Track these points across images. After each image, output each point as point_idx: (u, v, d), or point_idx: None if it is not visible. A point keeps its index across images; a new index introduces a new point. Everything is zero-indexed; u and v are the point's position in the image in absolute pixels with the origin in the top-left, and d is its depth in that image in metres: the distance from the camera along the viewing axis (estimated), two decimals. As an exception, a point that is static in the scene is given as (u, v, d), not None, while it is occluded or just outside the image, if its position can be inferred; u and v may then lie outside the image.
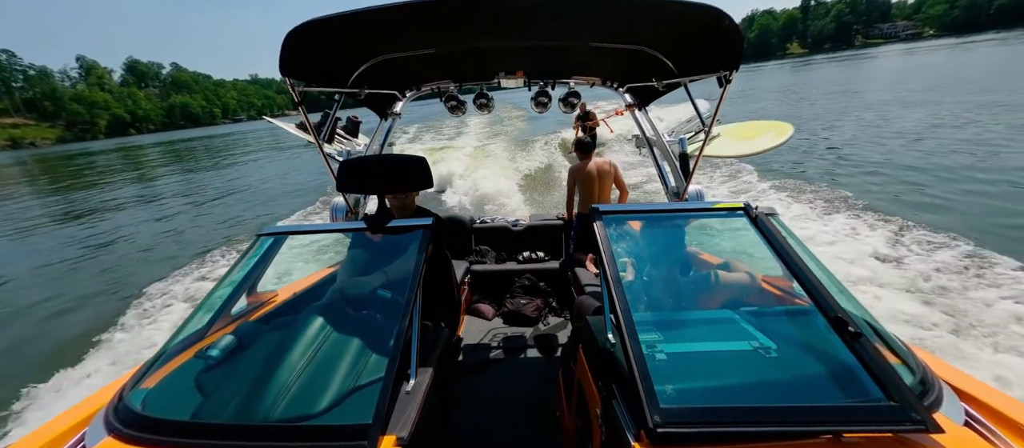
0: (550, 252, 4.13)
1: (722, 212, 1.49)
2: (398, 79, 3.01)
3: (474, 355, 3.01)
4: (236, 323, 1.60)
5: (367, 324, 1.54)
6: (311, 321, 1.47)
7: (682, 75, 2.38)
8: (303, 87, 2.02)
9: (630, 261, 1.53)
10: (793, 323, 1.38)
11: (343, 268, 1.83)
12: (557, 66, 3.00)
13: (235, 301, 1.64)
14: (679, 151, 2.87)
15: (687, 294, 1.54)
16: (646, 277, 1.51)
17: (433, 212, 2.32)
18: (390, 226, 1.54)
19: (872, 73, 32.95)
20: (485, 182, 9.29)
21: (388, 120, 3.30)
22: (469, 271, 3.82)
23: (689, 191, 2.69)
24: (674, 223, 1.62)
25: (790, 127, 2.59)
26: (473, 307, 3.67)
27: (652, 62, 2.46)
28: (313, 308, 1.58)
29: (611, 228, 1.37)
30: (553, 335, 3.25)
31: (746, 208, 1.46)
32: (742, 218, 1.45)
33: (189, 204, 13.25)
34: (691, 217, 1.67)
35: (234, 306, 1.63)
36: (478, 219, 4.44)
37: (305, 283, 2.19)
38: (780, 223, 1.45)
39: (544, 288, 3.74)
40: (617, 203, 3.93)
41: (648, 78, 2.70)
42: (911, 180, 7.70)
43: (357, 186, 1.78)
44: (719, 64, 2.10)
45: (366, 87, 2.61)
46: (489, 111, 3.44)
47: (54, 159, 44.88)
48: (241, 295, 1.68)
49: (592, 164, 3.75)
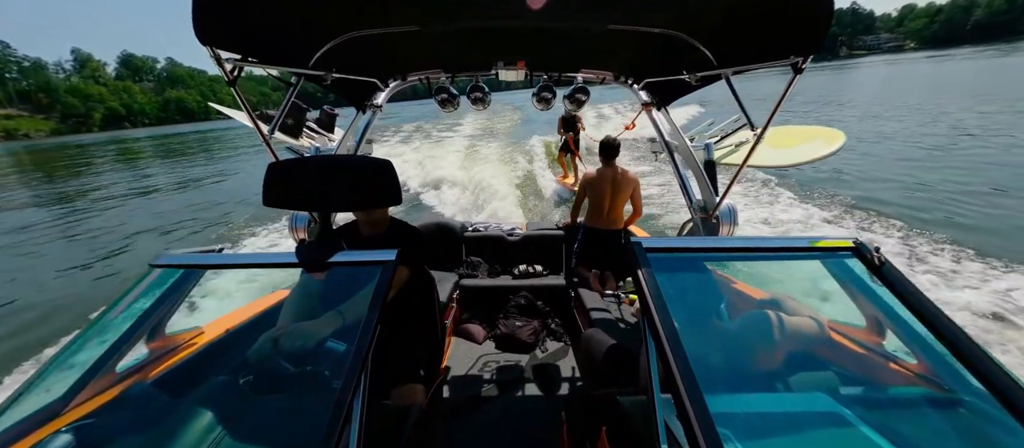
0: (549, 266, 3.71)
1: (819, 254, 1.07)
2: (378, 65, 2.57)
3: (460, 389, 2.58)
4: (119, 386, 1.15)
5: (307, 387, 1.12)
6: (226, 385, 1.04)
7: (723, 65, 1.95)
8: (238, 62, 1.56)
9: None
10: (938, 416, 0.95)
11: (288, 303, 1.40)
12: (564, 56, 2.58)
13: (119, 351, 1.18)
14: (704, 159, 2.45)
15: (758, 359, 1.11)
16: (704, 335, 1.09)
17: (411, 226, 1.90)
18: (334, 262, 1.10)
19: (857, 83, 32.68)
20: (480, 183, 8.85)
21: (367, 113, 2.85)
22: (458, 286, 3.39)
23: (721, 208, 2.27)
24: (743, 266, 1.22)
25: (841, 134, 2.18)
26: (462, 328, 3.24)
27: (683, 51, 2.04)
28: (234, 364, 1.15)
29: (662, 273, 0.95)
30: (553, 365, 2.83)
31: (858, 248, 1.04)
32: (850, 259, 1.04)
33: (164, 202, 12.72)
34: (768, 259, 1.24)
35: (121, 358, 1.18)
36: (469, 226, 4.00)
37: (239, 317, 1.74)
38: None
39: (542, 308, 3.32)
40: (627, 221, 3.51)
41: (675, 71, 2.27)
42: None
43: (287, 200, 1.22)
44: (791, 46, 1.57)
45: (334, 70, 2.14)
46: (485, 106, 3.02)
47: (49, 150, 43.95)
48: (125, 344, 1.21)
49: (610, 172, 3.32)
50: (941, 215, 6.23)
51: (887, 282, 1.00)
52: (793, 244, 1.07)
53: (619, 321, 2.64)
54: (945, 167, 8.71)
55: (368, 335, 0.88)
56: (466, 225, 4.01)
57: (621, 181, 3.28)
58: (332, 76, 2.13)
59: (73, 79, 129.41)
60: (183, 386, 1.18)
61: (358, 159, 1.26)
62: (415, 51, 2.45)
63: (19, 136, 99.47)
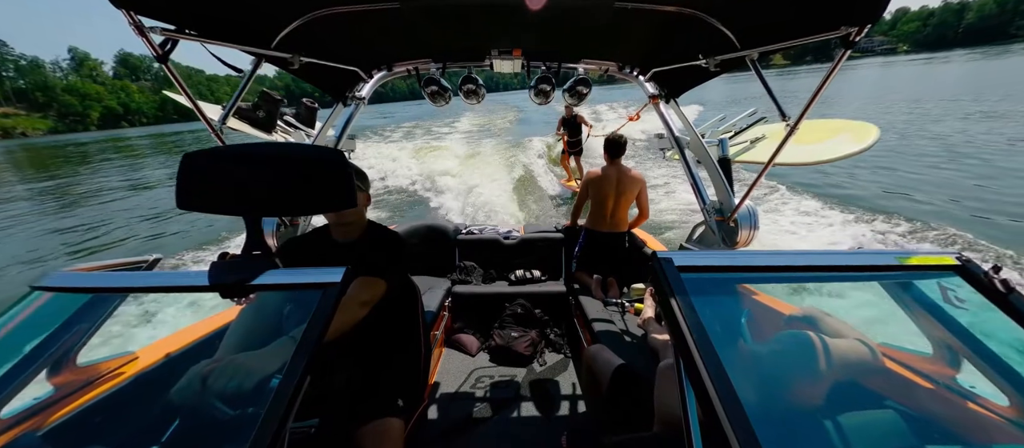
0: (548, 270, 3.48)
1: (912, 272, 0.84)
2: (360, 53, 2.33)
3: (450, 410, 2.34)
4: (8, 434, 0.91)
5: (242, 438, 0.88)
6: (142, 435, 0.81)
7: (747, 46, 1.71)
8: (173, 34, 1.30)
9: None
10: None
11: (234, 326, 1.15)
12: (564, 44, 2.35)
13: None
14: (719, 156, 2.22)
15: (802, 393, 0.89)
16: (742, 364, 0.85)
17: (390, 231, 1.66)
18: (254, 284, 0.83)
19: (855, 83, 32.52)
20: (476, 184, 8.60)
21: (350, 106, 2.61)
22: (450, 293, 3.16)
23: (740, 210, 2.04)
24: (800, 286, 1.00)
25: (873, 129, 1.94)
26: (453, 338, 3.01)
27: (698, 33, 1.81)
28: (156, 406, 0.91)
29: (701, 297, 0.73)
30: (552, 380, 2.60)
31: (965, 265, 0.82)
32: (951, 279, 0.82)
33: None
34: (843, 280, 1.01)
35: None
36: (463, 229, 3.77)
37: (185, 339, 1.49)
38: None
39: (540, 316, 3.09)
40: (631, 224, 3.28)
41: (688, 56, 2.03)
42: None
43: (203, 201, 0.91)
44: (839, 14, 1.31)
45: (304, 54, 1.90)
46: (478, 100, 2.79)
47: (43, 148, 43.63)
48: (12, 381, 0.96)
49: (614, 171, 3.07)
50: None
51: (1000, 302, 0.77)
52: (876, 261, 0.83)
53: (624, 334, 2.41)
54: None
55: (292, 381, 0.65)
56: (459, 227, 3.78)
57: (626, 181, 3.05)
58: (301, 60, 1.87)
59: (70, 78, 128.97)
60: (86, 436, 0.94)
61: (296, 148, 0.94)
62: (401, 38, 2.21)
63: (16, 134, 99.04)
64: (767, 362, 0.87)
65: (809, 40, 1.44)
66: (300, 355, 0.68)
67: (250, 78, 1.80)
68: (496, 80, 12.51)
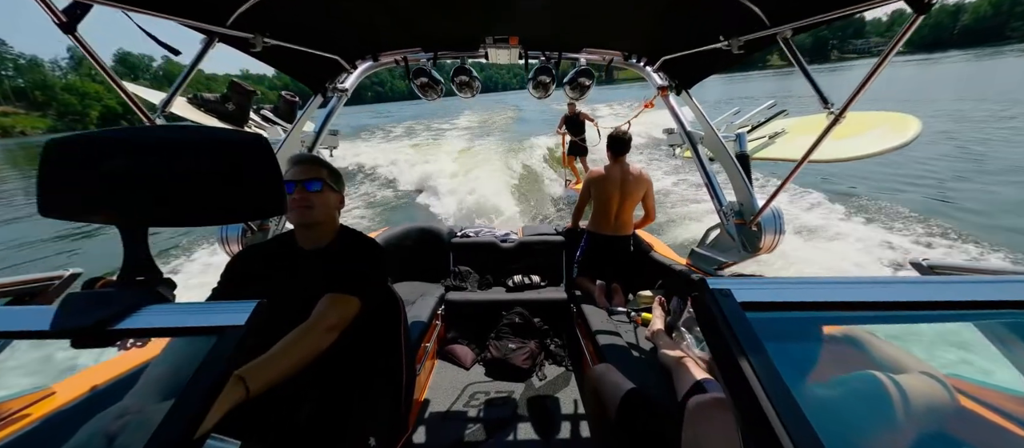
0: (548, 276, 3.26)
1: None
2: (342, 40, 2.11)
3: (440, 434, 2.13)
4: None
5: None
6: None
7: (779, 23, 1.48)
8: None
9: None
10: None
11: (152, 366, 0.92)
12: (564, 32, 2.14)
13: None
14: (736, 152, 2.01)
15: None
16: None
17: (367, 238, 1.44)
18: (124, 328, 0.57)
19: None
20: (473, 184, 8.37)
21: (331, 99, 2.38)
22: (443, 301, 2.95)
23: (764, 213, 1.82)
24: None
25: (915, 121, 1.73)
26: (447, 350, 2.80)
27: (715, 14, 1.59)
28: None
29: (776, 343, 0.48)
30: (552, 397, 2.39)
31: None
32: None
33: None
34: (979, 319, 0.76)
35: None
36: (458, 231, 3.55)
37: (111, 372, 1.26)
38: None
39: (540, 326, 2.88)
40: (636, 225, 3.07)
41: (706, 40, 1.80)
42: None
43: (68, 206, 0.63)
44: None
45: (267, 35, 1.63)
46: (472, 93, 2.58)
47: (37, 149, 43.42)
48: None
49: (619, 170, 2.84)
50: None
51: None
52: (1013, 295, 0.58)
53: (631, 348, 2.20)
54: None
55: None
56: (454, 230, 3.56)
57: (632, 181, 2.82)
58: (265, 42, 1.64)
59: (70, 77, 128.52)
60: None
61: (200, 132, 0.62)
62: (388, 25, 2.00)
63: (15, 133, 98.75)
64: (843, 415, 0.65)
65: (864, 8, 1.21)
66: (180, 409, 0.46)
67: (197, 60, 1.56)
68: (495, 80, 12.20)
